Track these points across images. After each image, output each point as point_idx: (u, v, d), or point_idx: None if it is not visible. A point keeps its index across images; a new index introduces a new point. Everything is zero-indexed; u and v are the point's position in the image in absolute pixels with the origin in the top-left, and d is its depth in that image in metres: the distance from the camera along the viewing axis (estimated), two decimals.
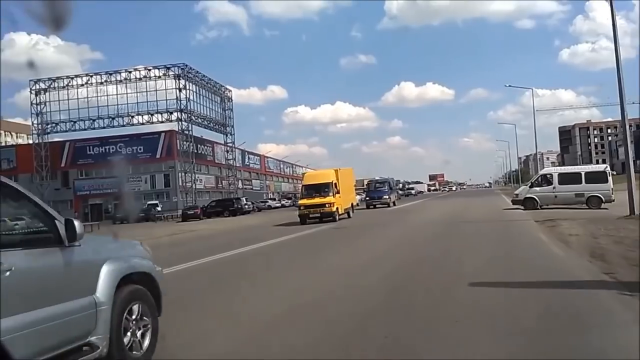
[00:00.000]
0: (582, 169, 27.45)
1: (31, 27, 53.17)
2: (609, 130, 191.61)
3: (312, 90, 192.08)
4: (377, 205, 40.07)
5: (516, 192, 28.69)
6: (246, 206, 55.98)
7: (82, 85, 61.59)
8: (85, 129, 62.75)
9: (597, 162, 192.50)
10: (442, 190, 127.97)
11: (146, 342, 4.51)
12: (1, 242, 3.57)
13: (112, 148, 64.48)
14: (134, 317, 4.42)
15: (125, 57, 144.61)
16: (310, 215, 26.43)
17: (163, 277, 5.09)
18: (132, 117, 61.87)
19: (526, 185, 28.56)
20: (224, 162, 75.64)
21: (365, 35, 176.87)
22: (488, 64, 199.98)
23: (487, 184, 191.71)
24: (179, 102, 61.02)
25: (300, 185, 31.51)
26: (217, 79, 70.99)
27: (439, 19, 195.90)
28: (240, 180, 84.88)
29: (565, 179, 25.72)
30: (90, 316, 3.95)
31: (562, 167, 33.66)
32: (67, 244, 3.84)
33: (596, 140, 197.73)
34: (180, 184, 62.26)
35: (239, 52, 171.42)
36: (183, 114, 61.28)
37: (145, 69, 61.69)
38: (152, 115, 61.86)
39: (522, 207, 26.13)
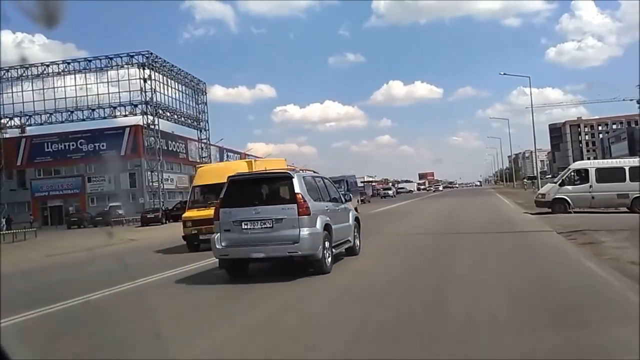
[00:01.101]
0: (626, 162, 21.61)
1: (22, 24, 49.08)
2: (600, 128, 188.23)
3: (301, 89, 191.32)
4: None
5: (541, 191, 23.32)
6: None
7: (38, 75, 55.55)
8: (41, 124, 56.83)
9: (589, 159, 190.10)
10: (428, 190, 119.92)
11: (358, 243, 12.16)
12: None
13: (72, 144, 58.68)
14: (357, 231, 12.22)
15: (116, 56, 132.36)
16: (202, 237, 14.70)
17: None
18: (93, 110, 56.00)
19: (553, 182, 23.02)
20: (198, 160, 69.99)
21: (353, 33, 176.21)
22: (476, 62, 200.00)
23: (477, 183, 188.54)
24: (143, 93, 55.25)
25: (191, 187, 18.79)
26: (204, 78, 65.75)
27: (426, 18, 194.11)
28: None
29: (604, 175, 20.46)
30: (349, 228, 11.67)
31: (600, 161, 26.20)
32: None
33: (587, 137, 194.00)
34: (148, 183, 56.47)
35: (227, 51, 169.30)
36: (148, 107, 55.51)
37: (107, 57, 55.78)
38: (114, 108, 56.05)
39: (550, 211, 21.02)
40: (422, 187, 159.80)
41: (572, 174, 21.96)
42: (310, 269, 9.42)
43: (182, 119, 64.02)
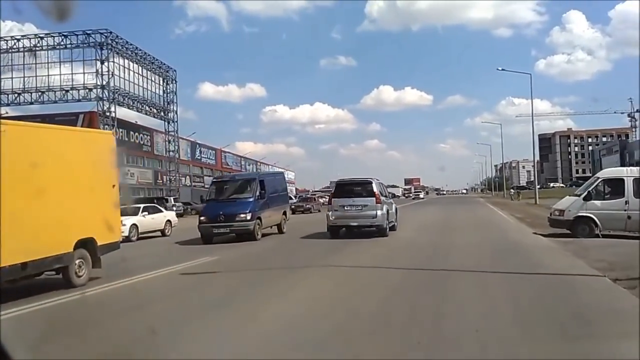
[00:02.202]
0: None
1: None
2: (590, 140, 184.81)
3: (291, 89, 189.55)
4: (223, 232, 18.05)
5: (558, 205, 17.20)
6: (174, 207, 44.32)
7: None
8: None
9: (577, 172, 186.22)
10: (407, 197, 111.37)
11: (396, 223, 20.23)
12: None
13: None
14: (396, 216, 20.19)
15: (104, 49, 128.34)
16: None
17: None
18: (43, 93, 49.57)
19: (576, 195, 16.83)
20: (165, 154, 63.80)
21: (346, 37, 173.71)
22: (466, 71, 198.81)
23: (464, 191, 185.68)
24: (99, 76, 48.94)
25: None
26: (194, 75, 60.04)
27: (418, 25, 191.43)
28: (187, 177, 73.07)
29: None
30: (394, 214, 19.72)
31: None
32: None
33: (577, 149, 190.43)
34: None
35: (218, 48, 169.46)
36: (105, 92, 49.17)
37: (60, 34, 49.35)
38: (66, 92, 49.65)
39: (569, 232, 15.55)
40: (408, 192, 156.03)
41: (602, 185, 16.15)
42: (377, 234, 17.67)
43: (147, 108, 57.65)
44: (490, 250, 13.45)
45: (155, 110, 59.54)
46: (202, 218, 18.53)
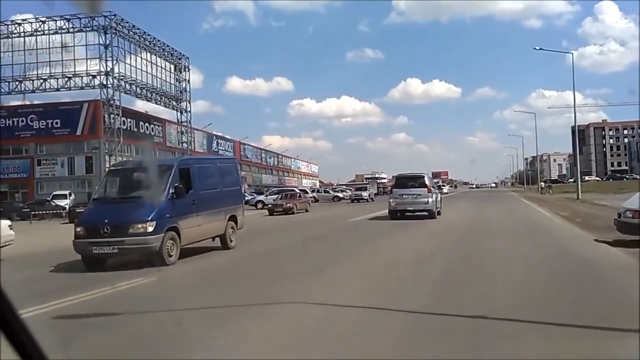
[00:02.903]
0: None
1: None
2: (625, 132, 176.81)
3: (318, 83, 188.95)
4: (108, 253, 10.90)
5: (630, 204, 12.77)
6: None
7: None
8: None
9: (612, 165, 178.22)
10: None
11: (440, 209, 24.89)
12: None
13: (22, 120, 49.18)
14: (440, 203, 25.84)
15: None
16: None
17: None
18: (44, 80, 46.53)
19: None
20: (178, 146, 60.46)
21: (373, 29, 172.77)
22: (495, 63, 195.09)
23: (493, 184, 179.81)
24: (103, 62, 45.64)
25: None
26: (222, 69, 57.47)
27: (446, 16, 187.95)
28: None
29: None
30: (440, 202, 25.19)
31: None
32: None
33: (611, 141, 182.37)
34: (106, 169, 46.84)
35: (246, 43, 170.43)
36: (109, 79, 45.89)
37: (62, 18, 46.15)
38: (69, 79, 46.49)
39: None
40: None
41: None
42: (429, 217, 21.84)
43: (157, 97, 54.33)
44: (545, 271, 9.24)
45: (166, 100, 56.16)
46: (78, 229, 11.18)
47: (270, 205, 33.42)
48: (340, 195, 60.16)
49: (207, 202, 12.69)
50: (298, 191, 43.19)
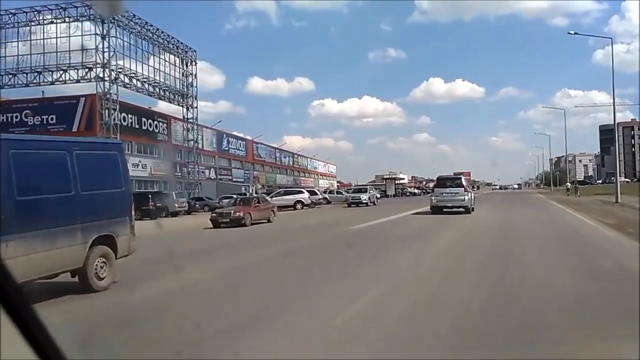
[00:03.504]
0: None
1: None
2: None
3: (339, 83, 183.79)
4: None
5: None
6: (176, 205, 37.65)
7: None
8: None
9: None
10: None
11: (474, 207, 28.44)
12: None
13: (16, 116, 46.38)
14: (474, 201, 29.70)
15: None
16: None
17: None
18: (39, 73, 43.69)
19: None
20: (185, 144, 57.27)
21: (395, 29, 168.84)
22: (520, 62, 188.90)
23: (516, 185, 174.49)
24: (101, 53, 42.59)
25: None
26: (243, 69, 55.03)
27: (470, 15, 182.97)
28: (212, 169, 66.58)
29: None
30: (474, 200, 29.21)
31: None
32: None
33: None
34: None
35: (267, 43, 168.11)
36: (106, 71, 42.84)
37: (57, 7, 43.23)
38: (64, 71, 43.59)
39: None
40: None
41: None
42: (465, 212, 25.07)
43: (161, 92, 51.22)
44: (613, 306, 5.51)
45: (171, 95, 53.06)
46: None
47: (214, 215, 24.43)
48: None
49: (40, 215, 7.72)
50: (257, 196, 33.46)
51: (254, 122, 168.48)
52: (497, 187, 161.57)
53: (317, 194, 44.31)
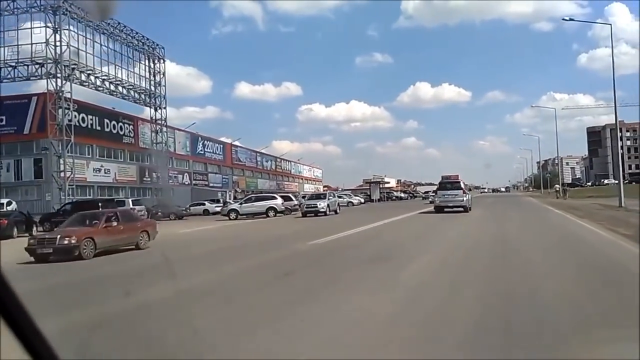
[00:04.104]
0: None
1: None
2: None
3: (327, 88, 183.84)
4: None
5: None
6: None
7: None
8: None
9: (630, 168, 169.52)
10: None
11: (471, 207, 32.45)
12: None
13: None
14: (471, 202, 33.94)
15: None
16: None
17: None
18: None
19: None
20: (155, 147, 53.27)
21: (381, 34, 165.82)
22: (505, 66, 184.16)
23: (504, 189, 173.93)
24: (53, 48, 38.57)
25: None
26: (231, 74, 51.41)
27: (455, 20, 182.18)
28: (186, 174, 62.60)
29: None
30: (471, 200, 32.47)
31: None
32: None
33: (629, 142, 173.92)
34: (59, 173, 39.64)
35: (254, 48, 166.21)
36: (59, 68, 38.84)
37: None
38: (13, 68, 39.57)
39: None
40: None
41: None
42: (464, 211, 28.95)
43: (124, 90, 47.31)
44: None
45: (136, 94, 49.14)
46: None
47: (32, 242, 14.21)
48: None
49: None
50: (116, 210, 20.35)
51: (242, 127, 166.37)
52: (487, 190, 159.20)
53: (292, 200, 40.41)
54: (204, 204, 48.41)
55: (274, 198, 37.71)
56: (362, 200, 65.87)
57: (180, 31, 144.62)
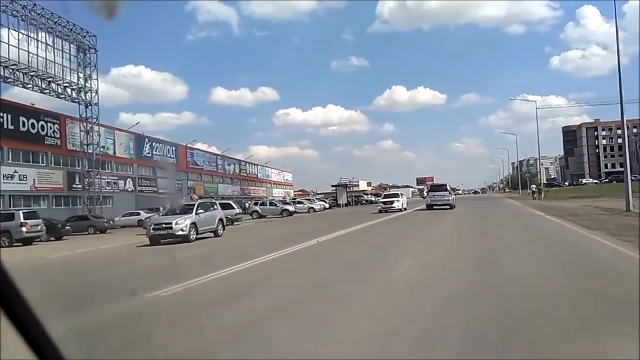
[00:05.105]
0: None
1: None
2: (619, 131, 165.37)
3: (303, 92, 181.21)
4: None
5: None
6: (24, 229, 26.58)
7: None
8: None
9: (607, 167, 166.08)
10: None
11: (455, 206, 40.10)
12: None
13: None
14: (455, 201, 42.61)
15: (117, 57, 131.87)
16: None
17: None
18: None
19: None
20: (90, 150, 46.27)
21: (357, 38, 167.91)
22: (479, 69, 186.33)
23: (478, 190, 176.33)
24: None
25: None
26: (207, 80, 45.66)
27: (429, 24, 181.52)
28: (129, 179, 55.57)
29: None
30: (455, 200, 41.97)
31: None
32: None
33: (604, 141, 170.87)
34: None
35: (230, 53, 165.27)
36: None
37: None
38: None
39: None
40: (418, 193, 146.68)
41: None
42: (449, 208, 36.00)
43: (43, 84, 40.38)
44: None
45: (60, 89, 42.26)
46: None
47: None
48: (290, 208, 46.58)
49: None
50: None
51: (219, 132, 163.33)
52: (461, 192, 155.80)
53: (233, 208, 33.83)
54: (138, 214, 41.61)
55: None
56: (327, 206, 59.42)
57: (155, 36, 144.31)
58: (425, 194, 45.90)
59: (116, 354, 5.07)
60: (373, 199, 79.82)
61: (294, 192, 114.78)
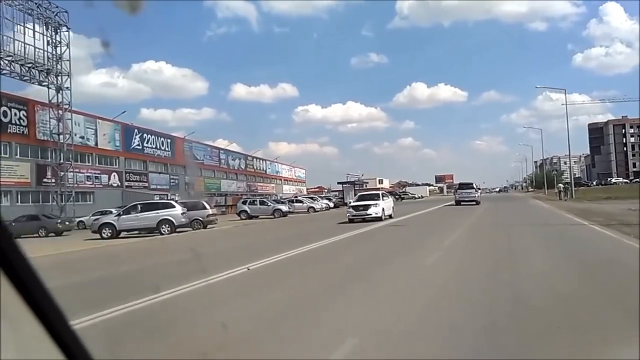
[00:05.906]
0: None
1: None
2: None
3: (323, 89, 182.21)
4: None
5: None
6: None
7: None
8: None
9: (635, 166, 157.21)
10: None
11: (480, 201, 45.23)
12: None
13: None
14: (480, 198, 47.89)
15: (135, 53, 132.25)
16: None
17: None
18: None
19: None
20: (61, 140, 41.02)
21: (377, 34, 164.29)
22: (501, 66, 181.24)
23: (497, 189, 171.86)
24: None
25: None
26: (226, 76, 42.64)
27: (449, 20, 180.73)
28: (114, 174, 50.25)
29: None
30: (480, 197, 47.37)
31: None
32: None
33: (632, 139, 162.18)
34: None
35: (249, 49, 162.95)
36: None
37: None
38: None
39: None
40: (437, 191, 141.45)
41: None
42: (475, 204, 39.82)
43: (9, 65, 35.26)
44: None
45: (24, 70, 37.07)
46: None
47: None
48: (284, 208, 40.82)
49: None
50: None
51: (239, 128, 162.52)
52: (480, 192, 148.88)
53: (206, 209, 28.17)
54: (111, 212, 36.12)
55: (171, 206, 25.50)
56: (331, 205, 53.22)
57: (175, 32, 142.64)
58: (454, 191, 51.44)
59: None
60: None
61: (307, 189, 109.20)
